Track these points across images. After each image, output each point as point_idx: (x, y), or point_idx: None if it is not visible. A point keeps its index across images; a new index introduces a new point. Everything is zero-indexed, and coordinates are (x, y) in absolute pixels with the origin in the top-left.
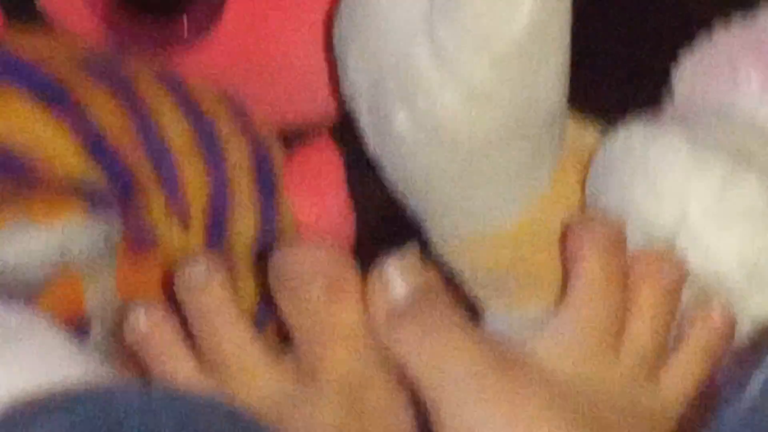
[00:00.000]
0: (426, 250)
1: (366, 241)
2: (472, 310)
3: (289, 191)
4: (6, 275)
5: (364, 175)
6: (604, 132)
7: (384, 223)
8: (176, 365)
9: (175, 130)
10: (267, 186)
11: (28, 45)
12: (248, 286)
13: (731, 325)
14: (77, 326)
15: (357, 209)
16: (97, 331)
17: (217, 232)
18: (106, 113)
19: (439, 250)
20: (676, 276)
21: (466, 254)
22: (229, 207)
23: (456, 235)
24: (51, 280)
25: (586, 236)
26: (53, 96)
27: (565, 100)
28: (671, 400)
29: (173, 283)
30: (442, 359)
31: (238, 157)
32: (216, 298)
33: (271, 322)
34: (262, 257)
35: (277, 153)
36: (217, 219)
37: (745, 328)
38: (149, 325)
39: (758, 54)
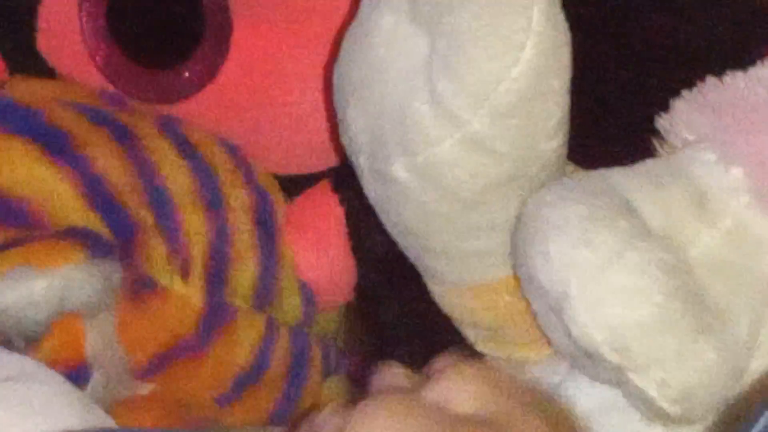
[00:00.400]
0: (426, 293)
1: (366, 287)
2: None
3: (289, 238)
4: (7, 320)
5: (363, 222)
6: None
7: (384, 269)
8: None
9: (176, 178)
10: (267, 233)
11: (29, 92)
12: (246, 331)
13: None
14: (77, 372)
15: (357, 255)
16: (97, 378)
17: (217, 280)
18: (107, 161)
19: (437, 296)
20: None
21: (464, 300)
22: (230, 255)
23: (454, 282)
24: (51, 325)
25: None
26: (54, 144)
27: (564, 149)
28: None
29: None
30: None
31: (238, 205)
32: None
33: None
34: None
35: (278, 200)
36: (218, 266)
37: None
38: None
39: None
